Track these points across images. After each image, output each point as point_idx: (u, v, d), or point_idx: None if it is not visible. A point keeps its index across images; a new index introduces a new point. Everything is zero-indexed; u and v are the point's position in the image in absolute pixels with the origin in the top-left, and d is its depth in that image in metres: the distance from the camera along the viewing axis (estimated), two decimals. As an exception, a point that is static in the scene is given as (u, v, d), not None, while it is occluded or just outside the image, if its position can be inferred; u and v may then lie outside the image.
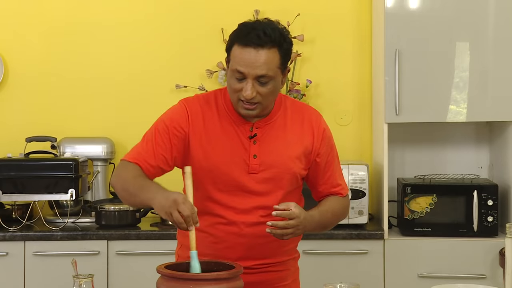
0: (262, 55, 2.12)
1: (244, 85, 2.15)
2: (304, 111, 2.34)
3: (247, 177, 2.22)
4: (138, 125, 4.02)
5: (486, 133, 3.94)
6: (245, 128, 2.24)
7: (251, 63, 2.12)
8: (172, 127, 2.24)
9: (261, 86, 2.15)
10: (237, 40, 2.16)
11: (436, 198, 3.54)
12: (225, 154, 2.22)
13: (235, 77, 2.16)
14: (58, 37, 4.08)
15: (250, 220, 2.23)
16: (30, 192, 3.60)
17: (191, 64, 4.04)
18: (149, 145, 2.24)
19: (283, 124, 2.27)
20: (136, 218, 3.65)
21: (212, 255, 2.17)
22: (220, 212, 2.24)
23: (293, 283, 2.38)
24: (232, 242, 2.24)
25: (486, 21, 3.53)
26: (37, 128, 3.96)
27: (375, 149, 3.93)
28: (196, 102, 2.29)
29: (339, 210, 2.36)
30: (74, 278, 2.01)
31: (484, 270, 3.43)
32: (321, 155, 2.30)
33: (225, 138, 2.24)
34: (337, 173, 2.36)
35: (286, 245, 2.30)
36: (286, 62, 2.22)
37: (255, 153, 2.22)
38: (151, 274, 2.08)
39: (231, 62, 2.18)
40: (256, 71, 2.13)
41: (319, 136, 2.30)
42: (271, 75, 2.15)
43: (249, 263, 2.21)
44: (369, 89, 4.03)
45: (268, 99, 2.20)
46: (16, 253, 3.48)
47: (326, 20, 4.04)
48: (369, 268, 3.47)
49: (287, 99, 2.35)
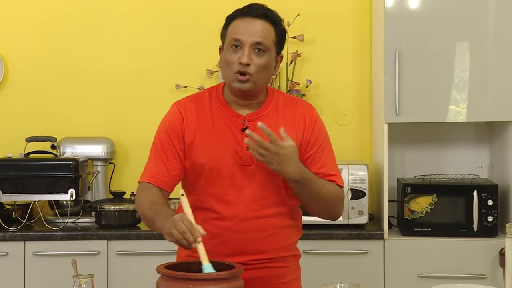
0: (259, 24, 2.23)
1: (240, 54, 2.20)
2: (296, 104, 2.35)
3: (239, 169, 2.23)
4: (138, 125, 4.07)
5: (486, 133, 3.94)
6: (237, 121, 2.27)
7: (248, 30, 2.21)
8: (171, 131, 2.29)
9: (256, 56, 2.21)
10: (235, 15, 2.27)
11: (436, 198, 3.54)
12: (217, 147, 2.24)
13: (231, 48, 2.22)
14: (58, 37, 4.08)
15: (243, 215, 2.23)
16: (30, 192, 3.60)
17: (191, 64, 4.04)
18: (158, 158, 2.29)
19: (275, 117, 2.28)
20: (136, 218, 3.64)
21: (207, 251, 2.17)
22: (214, 206, 2.25)
23: (294, 282, 2.36)
24: (225, 237, 2.23)
25: (486, 21, 3.53)
26: (37, 128, 3.97)
27: (375, 149, 3.93)
28: (188, 101, 2.34)
29: (331, 192, 2.25)
30: (74, 278, 2.01)
31: (484, 270, 3.43)
32: (312, 145, 2.28)
33: (217, 131, 2.26)
34: (330, 164, 2.30)
35: (283, 241, 2.29)
36: (280, 44, 2.28)
37: (247, 145, 2.23)
38: (151, 274, 2.08)
39: (227, 37, 2.25)
40: (254, 38, 2.20)
41: (310, 126, 2.30)
42: (266, 45, 2.21)
43: (244, 259, 2.20)
44: (369, 89, 4.03)
45: (260, 75, 2.22)
46: (16, 253, 3.48)
47: (326, 20, 4.04)
48: (369, 268, 3.47)
49: (279, 93, 2.38)
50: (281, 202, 2.28)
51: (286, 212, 2.30)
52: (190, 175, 2.29)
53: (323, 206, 2.28)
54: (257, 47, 2.21)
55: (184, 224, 1.99)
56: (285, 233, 2.30)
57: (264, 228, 2.24)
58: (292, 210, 2.32)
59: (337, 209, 2.31)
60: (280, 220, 2.28)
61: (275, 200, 2.26)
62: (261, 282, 2.26)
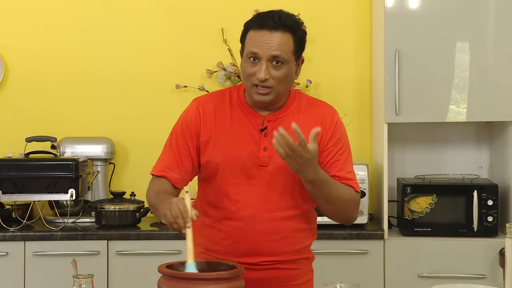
0: (276, 36, 2.16)
1: (258, 68, 2.17)
2: (318, 106, 2.32)
3: (256, 169, 2.21)
4: (138, 125, 4.07)
5: (486, 133, 3.94)
6: (257, 121, 2.25)
7: (265, 43, 2.16)
8: (186, 128, 2.28)
9: (274, 70, 2.17)
10: (252, 25, 2.21)
11: (436, 198, 3.55)
12: (234, 146, 2.23)
13: (249, 60, 2.18)
14: (58, 37, 4.08)
15: (257, 215, 2.21)
16: (30, 192, 3.60)
17: (191, 64, 4.04)
18: (171, 153, 2.28)
19: (296, 119, 2.22)
20: (136, 218, 3.65)
21: (220, 251, 2.17)
22: (228, 205, 2.23)
23: (306, 284, 2.34)
24: (238, 237, 2.22)
25: (486, 21, 3.53)
26: (37, 128, 3.96)
27: (375, 149, 3.93)
28: (208, 98, 2.32)
29: (346, 195, 2.23)
30: (74, 278, 2.01)
31: (484, 270, 3.43)
32: (331, 148, 2.26)
33: (236, 131, 2.24)
34: (347, 169, 2.28)
35: (295, 244, 2.28)
36: (300, 50, 2.24)
37: (265, 145, 2.21)
38: (151, 274, 2.08)
39: (245, 47, 2.21)
40: (270, 51, 2.15)
41: (331, 129, 2.27)
42: (284, 58, 2.17)
43: (256, 260, 2.20)
44: (369, 89, 4.03)
45: (281, 86, 2.20)
46: (16, 253, 3.48)
47: (326, 20, 4.04)
48: (369, 268, 3.47)
49: (302, 95, 2.35)
50: (295, 205, 2.25)
51: (300, 215, 2.27)
52: (205, 173, 2.28)
53: (337, 208, 2.24)
54: (275, 60, 2.17)
55: (179, 208, 1.98)
56: (298, 237, 2.28)
57: (277, 230, 2.22)
58: (306, 214, 2.30)
59: (352, 213, 2.28)
60: (293, 223, 2.26)
61: (289, 203, 2.24)
62: (272, 283, 2.25)
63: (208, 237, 2.26)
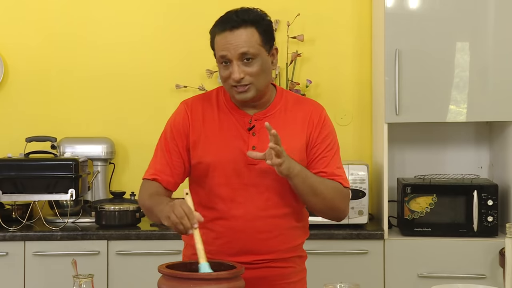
0: (239, 34, 2.18)
1: (231, 69, 2.19)
2: (305, 103, 2.34)
3: (246, 168, 2.23)
4: (138, 125, 4.07)
5: (486, 133, 3.94)
6: (244, 121, 2.26)
7: (230, 44, 2.18)
8: (176, 130, 2.30)
9: (247, 67, 2.18)
10: (216, 29, 2.24)
11: (436, 198, 3.55)
12: (223, 146, 2.24)
13: (222, 64, 2.21)
14: (58, 37, 4.08)
15: (249, 214, 2.22)
16: (30, 192, 3.60)
17: (191, 64, 4.04)
18: (162, 156, 2.30)
19: (283, 117, 2.27)
20: (136, 218, 3.65)
21: (213, 251, 2.17)
22: (220, 206, 2.24)
23: (299, 282, 2.35)
24: (231, 236, 2.23)
25: (486, 21, 3.53)
26: (37, 128, 3.97)
27: (375, 149, 3.93)
28: (196, 100, 2.35)
29: (330, 186, 2.22)
30: (74, 278, 2.01)
31: (484, 270, 3.43)
32: (319, 145, 2.27)
33: (224, 131, 2.26)
34: (335, 165, 2.28)
35: (289, 242, 2.29)
36: (269, 41, 2.24)
37: (254, 144, 2.22)
38: (151, 274, 2.08)
39: (216, 53, 2.24)
40: (237, 50, 2.17)
41: (319, 125, 2.28)
42: (253, 52, 2.18)
43: (249, 259, 2.21)
44: (369, 89, 4.03)
45: (259, 80, 2.21)
46: (16, 253, 3.48)
47: (326, 20, 4.04)
48: (369, 268, 3.47)
49: (289, 94, 2.36)
50: (287, 203, 2.26)
51: (291, 214, 2.28)
52: (196, 174, 2.29)
53: (322, 200, 2.22)
54: (244, 57, 2.18)
55: (183, 209, 2.00)
56: (291, 234, 2.29)
57: (270, 228, 2.23)
58: (298, 212, 2.31)
59: (339, 205, 2.26)
60: (286, 221, 2.27)
61: (281, 201, 2.25)
62: (266, 282, 2.25)
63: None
